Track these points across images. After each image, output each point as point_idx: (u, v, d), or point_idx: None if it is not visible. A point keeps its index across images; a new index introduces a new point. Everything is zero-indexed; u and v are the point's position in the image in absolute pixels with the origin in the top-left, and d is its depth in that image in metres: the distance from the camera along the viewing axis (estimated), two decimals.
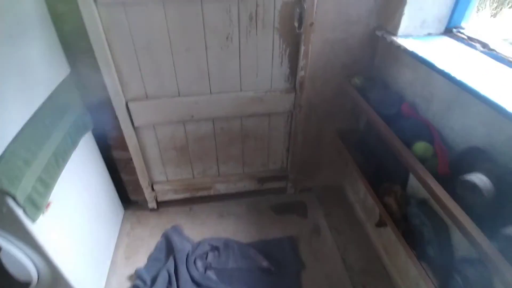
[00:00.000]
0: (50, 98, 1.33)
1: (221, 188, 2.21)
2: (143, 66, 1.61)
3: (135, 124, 1.80)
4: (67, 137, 1.39)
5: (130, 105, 1.72)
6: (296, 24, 1.51)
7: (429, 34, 1.51)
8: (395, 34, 1.50)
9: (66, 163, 1.37)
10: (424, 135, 1.33)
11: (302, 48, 1.64)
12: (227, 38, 1.59)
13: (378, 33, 1.58)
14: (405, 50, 1.39)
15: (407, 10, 1.42)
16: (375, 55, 1.73)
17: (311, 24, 1.57)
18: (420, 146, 1.24)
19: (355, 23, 1.60)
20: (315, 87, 1.80)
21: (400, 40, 1.44)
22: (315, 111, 1.91)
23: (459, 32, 1.45)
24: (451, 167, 1.13)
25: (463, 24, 1.47)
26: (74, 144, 1.46)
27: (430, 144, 1.24)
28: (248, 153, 2.12)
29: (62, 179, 1.34)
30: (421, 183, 1.14)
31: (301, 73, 1.73)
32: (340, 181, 2.35)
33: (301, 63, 1.70)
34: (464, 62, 1.22)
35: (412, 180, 1.42)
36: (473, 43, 1.35)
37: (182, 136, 1.94)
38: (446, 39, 1.46)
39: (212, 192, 2.22)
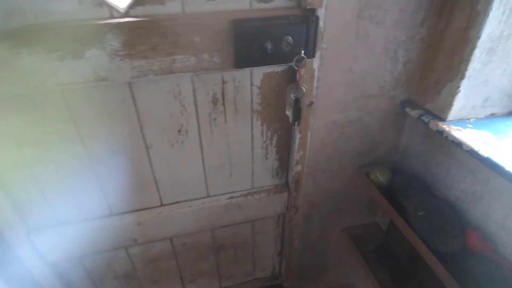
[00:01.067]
0: None
1: None
2: (43, 179, 0.97)
3: (50, 259, 1.14)
4: None
5: (35, 236, 1.06)
6: (288, 113, 0.93)
7: (493, 115, 0.98)
8: (442, 118, 0.96)
9: None
10: None
11: (297, 137, 1.07)
12: (179, 131, 0.99)
13: (413, 112, 1.03)
14: (470, 151, 0.85)
15: (465, 86, 0.89)
16: (400, 137, 1.19)
17: (310, 104, 1.00)
18: None
19: (374, 96, 1.05)
20: (317, 183, 1.23)
21: (454, 131, 0.90)
22: (317, 211, 1.33)
23: None
24: None
25: None
26: None
27: None
28: (225, 265, 1.49)
29: None
30: None
31: (296, 168, 1.16)
32: (351, 279, 1.76)
33: (296, 156, 1.12)
34: None
35: None
36: None
37: (124, 261, 1.29)
38: None
39: None
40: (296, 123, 0.89)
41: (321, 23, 0.86)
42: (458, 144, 0.88)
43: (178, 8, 0.78)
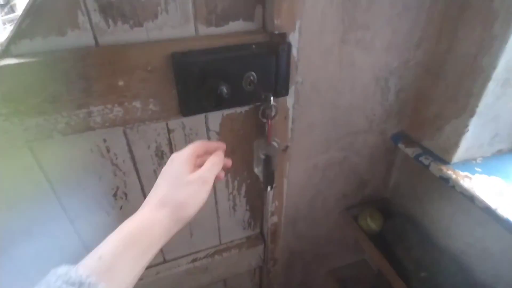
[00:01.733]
0: None
1: None
2: None
3: None
4: None
5: None
6: (257, 172, 0.71)
7: (499, 152, 0.82)
8: (446, 159, 0.79)
9: None
10: None
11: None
12: (115, 195, 0.74)
13: (408, 150, 0.85)
14: (485, 210, 0.68)
15: (474, 125, 0.72)
16: (390, 172, 1.01)
17: (285, 149, 0.79)
18: None
19: (362, 132, 0.86)
20: (298, 231, 1.03)
21: (462, 180, 0.73)
22: (300, 257, 1.14)
23: None
24: None
25: None
26: None
27: None
28: None
29: None
30: None
31: (272, 219, 0.95)
32: None
33: (271, 206, 0.91)
34: None
35: None
36: None
37: None
38: None
39: None
40: (268, 188, 0.68)
41: (294, 51, 0.64)
42: (470, 198, 0.71)
43: (87, 39, 0.53)
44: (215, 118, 0.72)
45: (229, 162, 0.51)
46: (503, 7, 0.60)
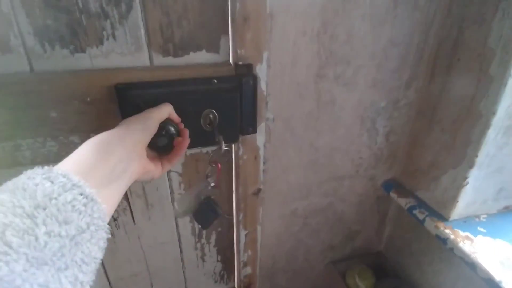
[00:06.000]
0: None
1: None
2: None
3: None
4: None
5: None
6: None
7: (507, 209, 0.70)
8: (443, 215, 0.67)
9: None
10: None
11: (243, 234, 0.76)
12: None
13: (401, 200, 0.74)
14: (488, 281, 0.55)
15: (475, 177, 0.61)
16: (384, 224, 0.89)
17: (257, 192, 0.70)
18: None
19: (347, 177, 0.76)
20: (277, 285, 0.90)
21: (462, 242, 0.61)
22: None
23: None
24: None
25: None
26: None
27: None
28: None
29: None
30: None
31: (245, 270, 0.83)
32: None
33: (243, 256, 0.80)
34: None
35: None
36: None
37: None
38: None
39: None
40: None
41: (263, 85, 0.57)
42: (471, 265, 0.59)
43: (21, 65, 0.47)
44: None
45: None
46: (499, 45, 0.52)
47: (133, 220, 0.69)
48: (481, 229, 0.65)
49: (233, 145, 0.63)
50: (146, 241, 0.72)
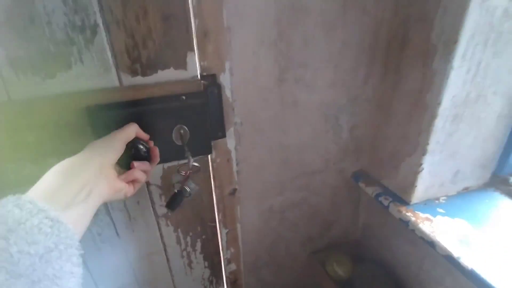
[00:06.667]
0: None
1: None
2: None
3: None
4: None
5: None
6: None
7: (466, 190, 0.76)
8: (405, 200, 0.73)
9: None
10: None
11: (224, 232, 0.80)
12: None
13: (368, 189, 0.80)
14: (447, 257, 0.61)
15: (429, 162, 0.67)
16: (358, 213, 0.95)
17: (233, 192, 0.74)
18: None
19: (318, 172, 0.81)
20: (262, 280, 0.95)
21: (422, 223, 0.67)
22: None
23: None
24: None
25: None
26: None
27: None
28: None
29: None
30: None
31: (230, 267, 0.87)
32: None
33: (226, 253, 0.84)
34: None
35: None
36: None
37: None
38: (504, 200, 0.72)
39: None
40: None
41: (227, 92, 0.61)
42: (430, 243, 0.64)
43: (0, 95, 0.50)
44: (155, 170, 0.67)
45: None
46: (440, 40, 0.58)
47: (117, 234, 0.72)
48: (440, 210, 0.70)
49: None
50: (132, 253, 0.76)
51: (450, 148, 0.67)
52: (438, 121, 0.62)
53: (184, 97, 0.56)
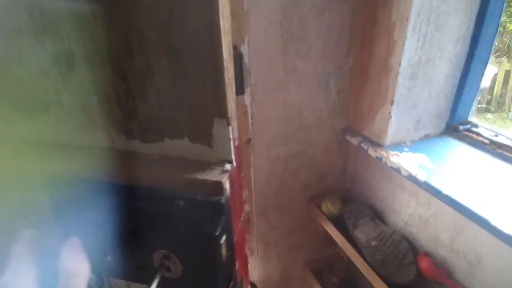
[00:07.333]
0: None
1: None
2: None
3: None
4: None
5: None
6: None
7: (426, 136, 0.99)
8: (380, 143, 0.95)
9: None
10: None
11: (240, 175, 1.01)
12: None
13: (353, 139, 1.02)
14: (408, 176, 0.84)
15: (395, 112, 0.90)
16: (347, 165, 1.17)
17: (248, 141, 0.96)
18: None
19: (313, 127, 1.04)
20: (270, 221, 1.17)
21: (392, 157, 0.89)
22: (275, 249, 1.25)
23: (470, 130, 0.96)
24: None
25: (470, 119, 0.99)
26: None
27: None
28: None
29: None
30: None
31: (244, 208, 1.09)
32: None
33: (242, 196, 1.06)
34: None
35: None
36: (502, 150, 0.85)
37: None
38: (457, 144, 0.95)
39: None
40: None
41: (246, 60, 0.84)
42: (397, 170, 0.87)
43: None
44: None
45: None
46: (397, 18, 0.81)
47: None
48: (406, 149, 0.93)
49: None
50: None
51: (410, 100, 0.90)
52: (400, 78, 0.85)
53: (182, 202, 0.35)
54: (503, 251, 0.70)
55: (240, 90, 0.87)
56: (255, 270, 1.25)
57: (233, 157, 0.37)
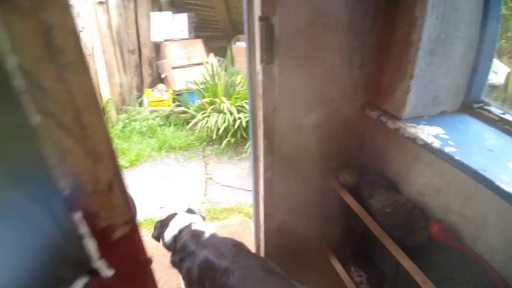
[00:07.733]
0: None
1: None
2: None
3: None
4: None
5: None
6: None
7: (443, 113, 1.04)
8: (399, 117, 1.01)
9: None
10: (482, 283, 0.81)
11: (264, 142, 1.10)
12: None
13: (372, 114, 1.09)
14: (424, 145, 0.90)
15: (415, 85, 0.95)
16: (365, 140, 1.24)
17: (274, 110, 1.04)
18: None
19: (335, 100, 1.11)
20: (289, 189, 1.24)
21: (409, 128, 0.95)
22: (292, 218, 1.33)
23: (483, 108, 1.00)
24: None
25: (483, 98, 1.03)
26: None
27: None
28: None
29: None
30: None
31: (266, 174, 1.17)
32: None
33: (265, 161, 1.14)
34: None
35: None
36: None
37: None
38: (471, 120, 1.00)
39: None
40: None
41: (276, 31, 0.92)
42: (413, 140, 0.93)
43: None
44: None
45: None
46: None
47: None
48: (423, 123, 0.99)
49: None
50: None
51: (429, 75, 0.95)
52: (420, 53, 0.90)
53: None
54: (506, 211, 0.76)
55: (270, 60, 0.95)
56: (271, 238, 1.34)
57: None
